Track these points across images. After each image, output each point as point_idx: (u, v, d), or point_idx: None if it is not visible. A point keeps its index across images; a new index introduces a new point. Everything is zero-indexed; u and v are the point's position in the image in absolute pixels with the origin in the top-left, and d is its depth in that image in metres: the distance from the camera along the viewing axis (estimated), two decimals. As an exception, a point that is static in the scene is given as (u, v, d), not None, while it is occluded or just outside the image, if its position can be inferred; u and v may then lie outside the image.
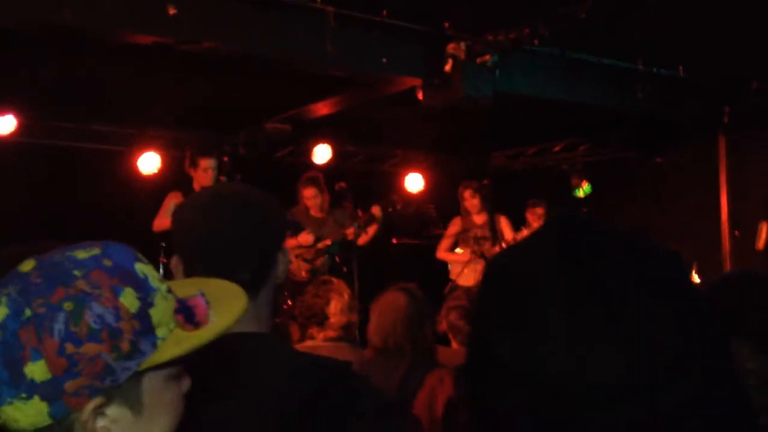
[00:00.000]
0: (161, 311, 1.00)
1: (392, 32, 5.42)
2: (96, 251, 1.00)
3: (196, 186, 6.31)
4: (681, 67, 6.53)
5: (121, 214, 6.98)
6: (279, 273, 1.55)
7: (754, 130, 7.43)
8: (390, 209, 6.78)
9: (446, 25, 5.47)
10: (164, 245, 6.25)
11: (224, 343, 1.07)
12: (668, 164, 8.18)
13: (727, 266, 7.59)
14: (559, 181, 8.56)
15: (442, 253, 7.56)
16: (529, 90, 6.31)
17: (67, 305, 0.94)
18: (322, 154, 8.18)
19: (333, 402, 1.41)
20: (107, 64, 5.77)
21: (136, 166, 7.54)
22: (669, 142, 8.11)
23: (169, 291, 1.05)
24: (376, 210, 6.74)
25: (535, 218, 7.68)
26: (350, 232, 6.70)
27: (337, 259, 6.83)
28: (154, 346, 0.99)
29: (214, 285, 1.15)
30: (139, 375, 1.00)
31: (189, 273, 1.51)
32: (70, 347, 0.93)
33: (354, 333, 4.01)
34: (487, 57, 5.50)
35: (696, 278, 6.56)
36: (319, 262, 6.78)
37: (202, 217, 1.53)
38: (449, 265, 7.52)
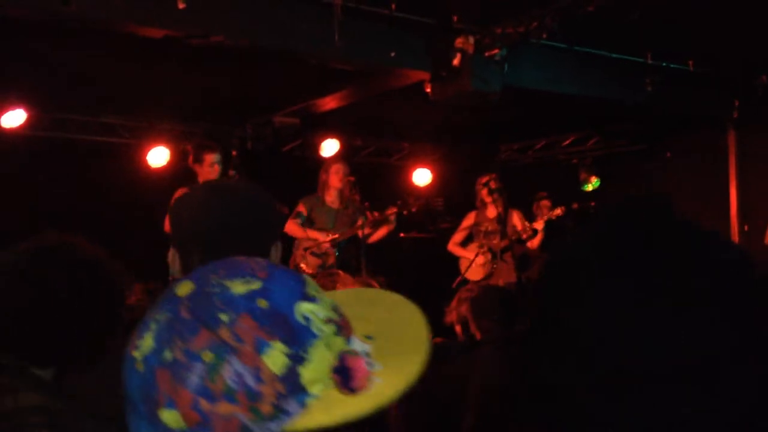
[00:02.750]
0: (317, 366, 0.90)
1: (400, 25, 5.41)
2: (256, 285, 0.91)
3: (201, 181, 6.29)
4: (690, 61, 6.50)
5: (130, 207, 7.02)
6: None
7: (764, 124, 7.40)
8: (405, 212, 6.78)
9: (454, 18, 5.46)
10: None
11: None
12: (677, 158, 8.16)
13: (736, 261, 7.57)
14: (568, 175, 8.55)
15: (451, 246, 7.56)
16: (538, 84, 6.30)
17: (206, 356, 0.87)
18: (329, 147, 8.19)
19: None
20: (116, 56, 5.79)
21: (145, 159, 7.57)
22: (678, 136, 8.08)
23: (339, 330, 0.93)
24: (390, 212, 6.73)
25: (541, 212, 7.67)
26: (362, 225, 6.70)
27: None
28: (303, 405, 0.89)
29: (394, 312, 1.03)
30: None
31: (185, 265, 1.57)
32: (204, 403, 0.87)
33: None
34: (496, 50, 5.49)
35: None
36: (331, 259, 6.78)
37: (196, 211, 1.60)
38: (460, 259, 7.51)
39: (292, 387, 0.88)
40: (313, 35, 5.18)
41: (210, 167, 6.23)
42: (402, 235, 8.00)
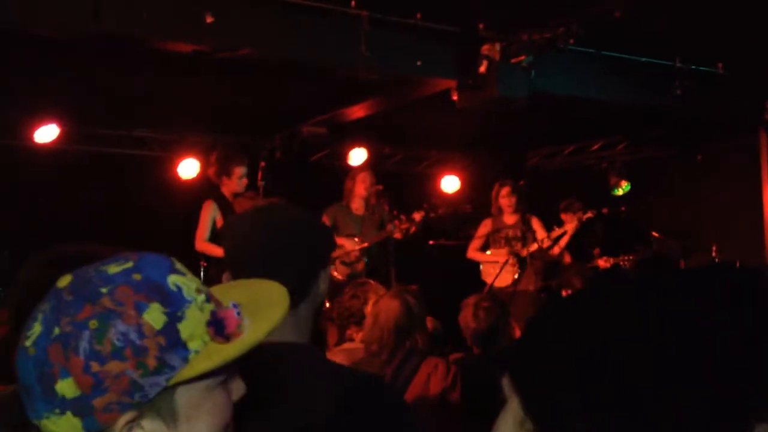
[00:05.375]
0: (193, 324, 0.99)
1: (426, 34, 5.42)
2: (128, 265, 1.00)
3: (226, 192, 6.33)
4: (720, 64, 6.44)
5: (161, 219, 7.10)
6: (321, 290, 1.63)
7: (796, 125, 7.30)
8: (432, 215, 6.79)
9: (480, 26, 5.46)
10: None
11: (265, 351, 1.07)
12: (708, 162, 8.07)
13: (770, 265, 7.47)
14: (598, 180, 8.50)
15: (472, 253, 7.50)
16: (566, 89, 6.28)
17: (92, 323, 0.94)
18: (357, 156, 8.22)
19: (361, 413, 1.45)
20: (146, 71, 5.87)
21: (176, 171, 7.65)
22: (709, 139, 8.00)
23: (209, 300, 1.03)
24: (418, 216, 6.74)
25: (569, 218, 7.62)
26: (391, 231, 6.70)
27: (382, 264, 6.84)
28: (185, 360, 0.98)
29: (259, 289, 1.15)
30: (171, 388, 0.98)
31: None
32: (95, 365, 0.94)
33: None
34: (522, 57, 5.48)
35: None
36: (360, 266, 6.80)
37: (248, 234, 1.63)
38: (481, 266, 7.46)
39: (173, 340, 0.96)
40: (340, 46, 5.21)
41: (238, 180, 6.29)
42: (431, 242, 8.00)
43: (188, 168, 7.61)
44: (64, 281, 1.00)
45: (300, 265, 1.60)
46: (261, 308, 1.07)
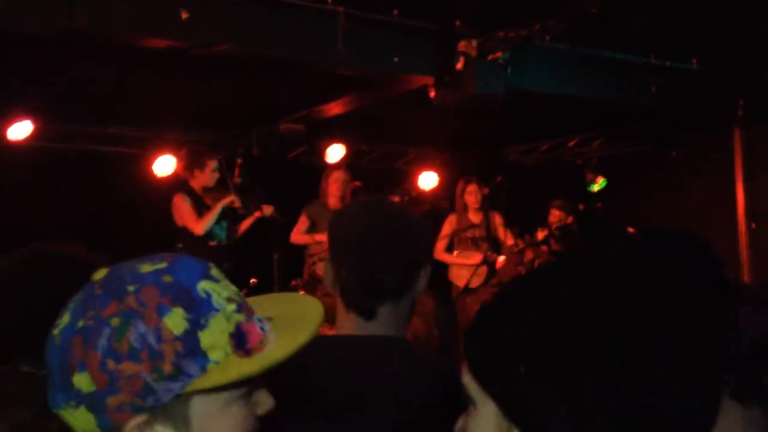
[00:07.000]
0: (215, 334, 0.96)
1: (403, 31, 5.43)
2: (161, 265, 0.99)
3: (196, 186, 6.30)
4: (694, 60, 6.49)
5: (137, 216, 7.05)
6: (420, 287, 1.64)
7: (770, 122, 7.39)
8: (407, 198, 6.79)
9: (457, 23, 5.47)
10: (180, 246, 6.28)
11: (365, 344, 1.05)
12: (683, 158, 8.14)
13: (744, 259, 7.56)
14: (574, 176, 8.54)
15: (442, 255, 7.40)
16: (542, 86, 6.30)
17: (114, 321, 0.94)
18: (335, 153, 8.21)
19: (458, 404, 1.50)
20: (122, 67, 5.82)
21: (152, 169, 7.60)
22: (684, 135, 8.07)
23: (240, 311, 1.00)
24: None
25: (554, 217, 7.64)
26: None
27: None
28: (204, 369, 0.95)
29: (295, 304, 1.11)
30: (186, 396, 0.96)
31: (336, 275, 1.60)
32: (111, 363, 0.93)
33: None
34: (499, 54, 5.49)
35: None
36: None
37: (356, 225, 1.64)
38: (449, 267, 7.39)
39: (191, 348, 0.94)
40: (317, 43, 5.20)
41: (211, 173, 6.28)
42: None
43: (164, 165, 7.56)
44: (99, 274, 0.99)
45: (409, 258, 1.61)
46: (291, 324, 1.04)
